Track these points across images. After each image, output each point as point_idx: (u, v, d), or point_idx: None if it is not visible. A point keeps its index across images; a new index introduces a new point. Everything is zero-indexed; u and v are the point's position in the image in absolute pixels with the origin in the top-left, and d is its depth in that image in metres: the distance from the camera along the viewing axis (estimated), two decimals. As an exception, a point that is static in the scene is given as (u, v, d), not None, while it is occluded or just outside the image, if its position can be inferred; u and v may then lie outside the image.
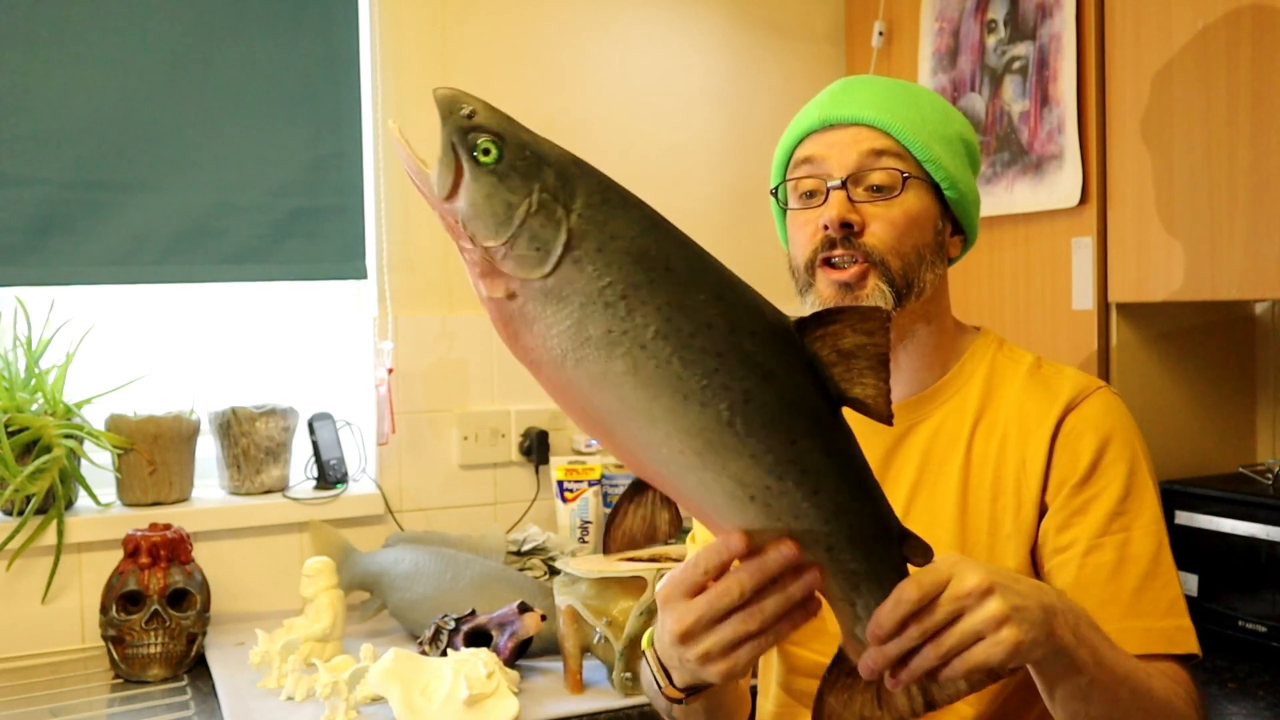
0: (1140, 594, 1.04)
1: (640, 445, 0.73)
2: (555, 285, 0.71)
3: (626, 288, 0.71)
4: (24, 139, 1.83)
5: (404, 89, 2.10)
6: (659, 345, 0.71)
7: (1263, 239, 1.60)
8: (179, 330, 2.06)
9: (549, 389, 0.75)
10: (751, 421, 0.73)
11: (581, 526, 2.05)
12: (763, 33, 2.41)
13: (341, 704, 1.46)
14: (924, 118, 1.13)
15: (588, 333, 0.70)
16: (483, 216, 0.70)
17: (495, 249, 0.70)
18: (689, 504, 0.77)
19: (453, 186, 0.70)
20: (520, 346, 0.73)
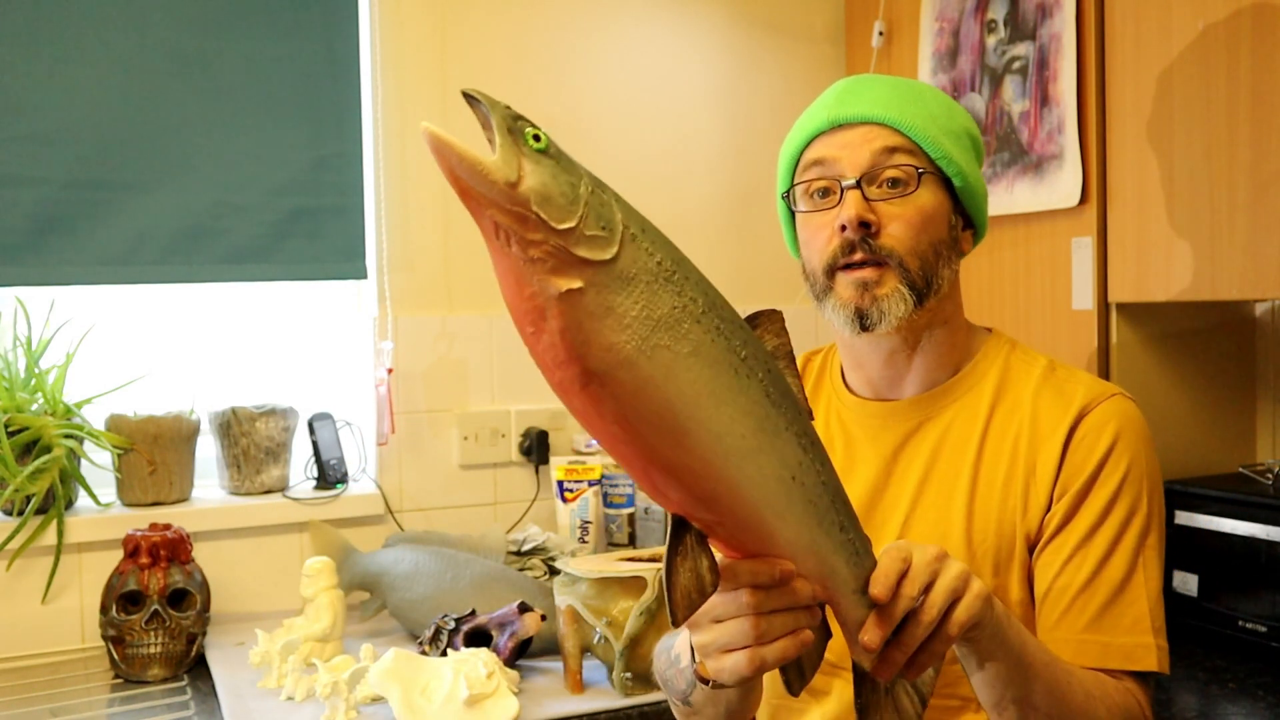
0: (1106, 609, 1.04)
1: (711, 436, 0.73)
2: (623, 267, 0.71)
3: (673, 262, 0.74)
4: (24, 139, 1.83)
5: (404, 89, 2.10)
6: (709, 319, 0.73)
7: (1263, 239, 1.60)
8: (179, 330, 2.06)
9: (620, 414, 0.71)
10: (775, 390, 0.76)
11: (581, 526, 2.05)
12: (763, 33, 2.41)
13: (341, 704, 1.46)
14: (931, 113, 1.12)
15: (657, 314, 0.71)
16: (554, 198, 0.69)
17: (570, 231, 0.69)
18: (741, 507, 0.76)
19: (516, 179, 0.69)
20: (595, 350, 0.69)
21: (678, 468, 0.73)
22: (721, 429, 0.73)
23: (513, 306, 0.71)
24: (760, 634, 0.79)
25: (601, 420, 0.72)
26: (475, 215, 0.70)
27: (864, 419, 1.19)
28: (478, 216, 0.70)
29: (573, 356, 0.69)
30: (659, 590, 1.50)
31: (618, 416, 0.71)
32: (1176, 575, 1.79)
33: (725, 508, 0.75)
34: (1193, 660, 1.67)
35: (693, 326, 0.72)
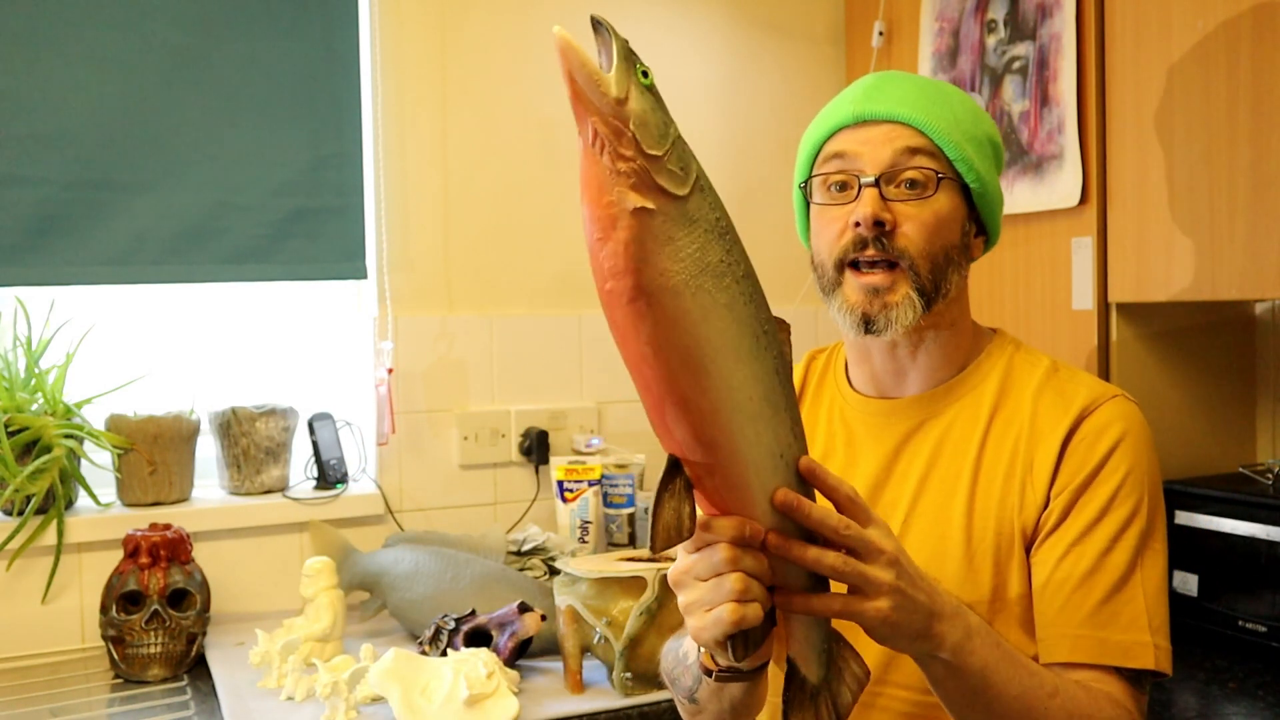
0: (1104, 605, 1.04)
1: (725, 387, 0.78)
2: (691, 208, 0.77)
3: (728, 224, 0.80)
4: (24, 139, 1.83)
5: (404, 89, 2.10)
6: (746, 284, 0.80)
7: (1263, 239, 1.60)
8: (179, 330, 2.06)
9: (654, 335, 0.76)
10: (783, 372, 0.83)
11: (581, 526, 2.05)
12: (763, 33, 2.41)
13: (341, 704, 1.46)
14: (956, 117, 1.11)
15: (708, 259, 0.77)
16: (650, 125, 0.76)
17: (656, 158, 0.76)
18: (734, 462, 0.81)
19: (626, 95, 0.76)
20: (650, 270, 0.75)
21: (689, 405, 0.78)
22: (735, 384, 0.79)
23: (589, 212, 0.78)
24: (738, 591, 0.82)
25: (636, 339, 0.77)
26: (579, 120, 0.77)
27: (866, 416, 1.19)
28: (580, 122, 0.77)
29: (629, 269, 0.75)
30: (658, 590, 1.51)
31: (651, 339, 0.77)
32: (1176, 575, 1.78)
33: (719, 459, 0.80)
34: (1193, 660, 1.67)
35: (733, 283, 0.78)
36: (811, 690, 0.91)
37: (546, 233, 2.22)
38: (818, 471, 0.85)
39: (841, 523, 0.84)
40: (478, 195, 2.17)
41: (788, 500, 0.82)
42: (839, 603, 0.85)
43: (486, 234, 2.18)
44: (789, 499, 0.82)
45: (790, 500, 0.82)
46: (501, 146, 2.19)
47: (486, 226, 2.18)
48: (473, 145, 2.17)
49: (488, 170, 2.17)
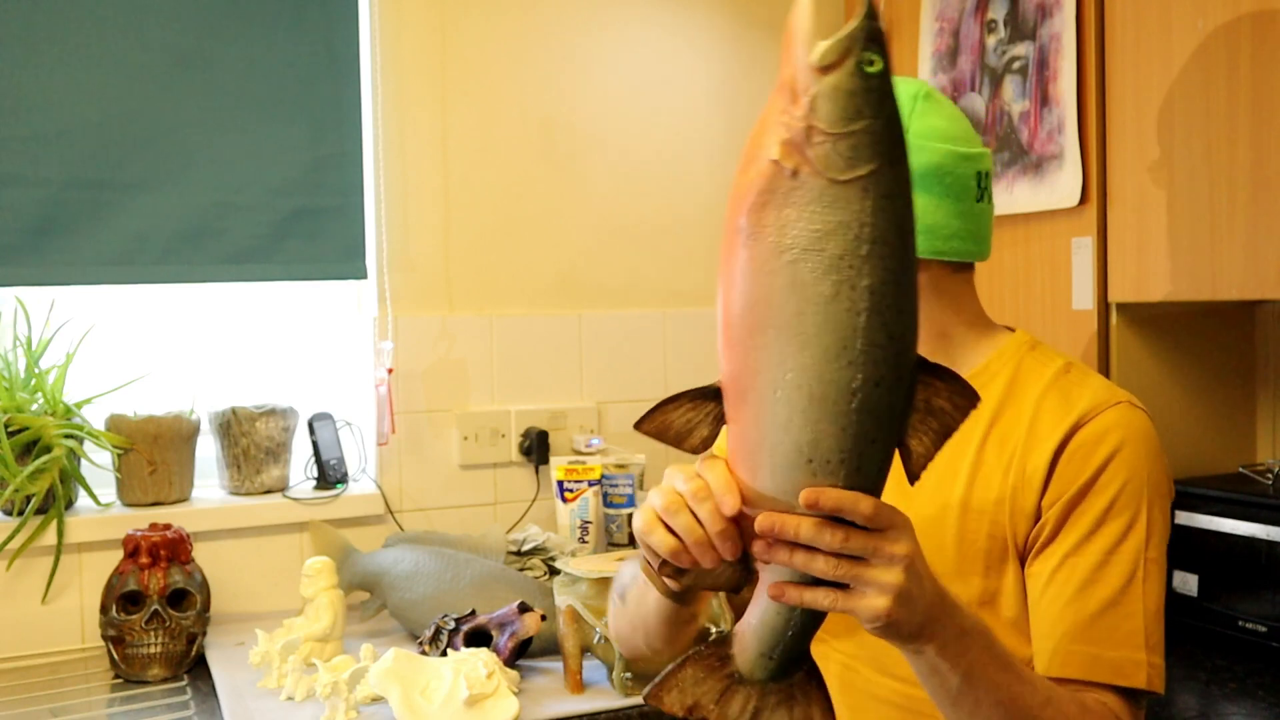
0: (1098, 620, 1.03)
1: (774, 360, 0.78)
2: (835, 194, 0.76)
3: (879, 239, 0.77)
4: (24, 139, 1.83)
5: (404, 89, 2.10)
6: (860, 297, 0.77)
7: (1263, 239, 1.60)
8: (179, 330, 2.06)
9: (738, 267, 0.78)
10: (863, 407, 0.79)
11: (581, 526, 2.05)
12: (763, 33, 2.41)
13: (341, 704, 1.46)
14: None
15: (826, 246, 0.76)
16: (835, 102, 0.76)
17: (819, 132, 0.76)
18: (755, 436, 0.81)
19: (829, 67, 0.76)
20: (757, 216, 0.77)
21: (741, 349, 0.79)
22: (788, 364, 0.78)
23: (750, 138, 0.79)
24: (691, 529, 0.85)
25: (726, 264, 0.80)
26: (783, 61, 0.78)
27: None
28: (782, 61, 0.78)
29: (743, 204, 0.78)
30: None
31: (736, 272, 0.79)
32: (1176, 575, 1.79)
33: (744, 417, 0.81)
34: (1193, 660, 1.67)
35: (843, 284, 0.77)
36: (735, 676, 0.88)
37: (546, 233, 2.22)
38: (823, 501, 0.80)
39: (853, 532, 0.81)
40: (478, 195, 2.17)
41: (809, 500, 0.80)
42: (829, 599, 0.83)
43: (486, 234, 2.18)
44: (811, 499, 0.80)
45: (810, 500, 0.80)
46: (501, 146, 2.19)
47: (486, 226, 2.18)
48: (473, 145, 2.17)
49: (488, 170, 2.17)
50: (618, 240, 2.29)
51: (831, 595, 0.83)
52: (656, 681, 0.89)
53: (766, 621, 0.86)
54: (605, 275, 2.28)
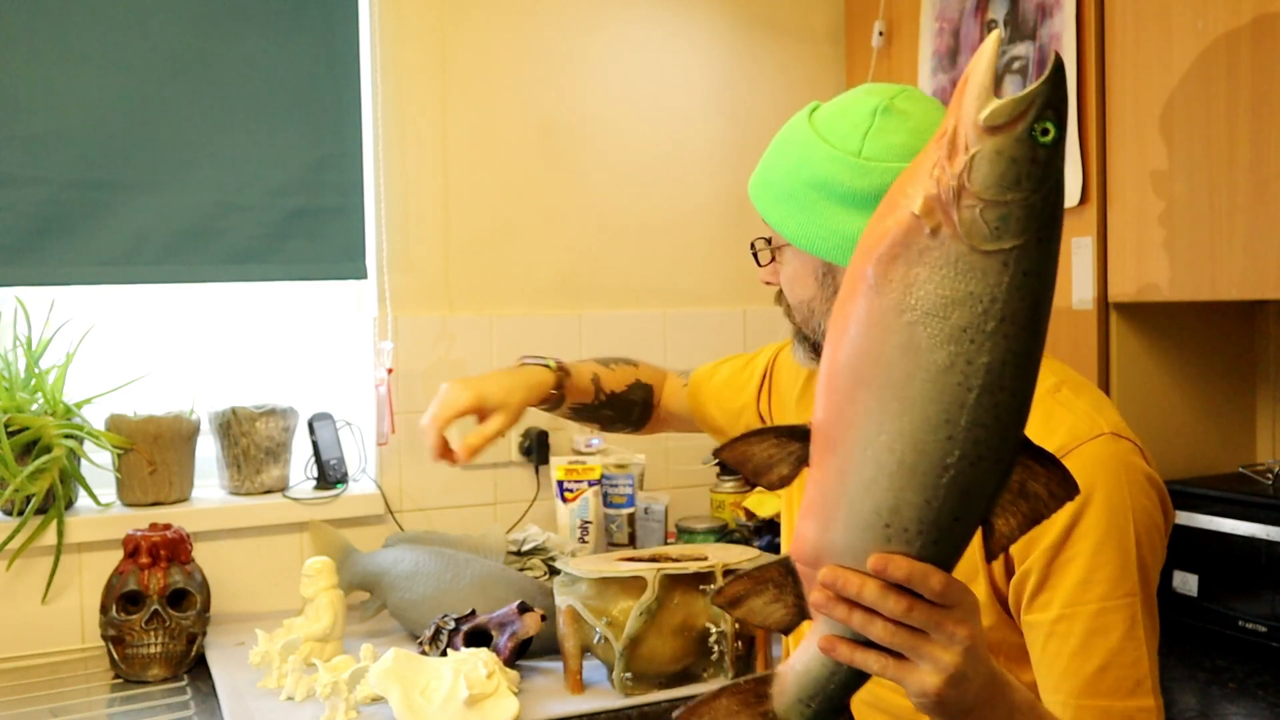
0: (1104, 672, 1.00)
1: (871, 418, 0.75)
2: (972, 262, 0.72)
3: (1009, 317, 0.73)
4: (24, 139, 1.83)
5: (404, 89, 2.10)
6: (975, 374, 0.73)
7: (1263, 239, 1.60)
8: (179, 330, 2.06)
9: (854, 316, 0.76)
10: (954, 483, 0.75)
11: (581, 526, 2.05)
12: (763, 33, 2.41)
13: (341, 704, 1.46)
14: (771, 181, 1.18)
15: (950, 314, 0.72)
16: (994, 167, 0.71)
17: (970, 195, 0.71)
18: (835, 489, 0.78)
19: (997, 128, 0.71)
20: (884, 268, 0.74)
21: (839, 399, 0.77)
22: (888, 427, 0.75)
23: (896, 182, 0.76)
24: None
25: (842, 310, 0.77)
26: (950, 108, 0.74)
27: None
28: (950, 107, 0.73)
29: (874, 257, 0.74)
30: (658, 590, 1.51)
31: (851, 320, 0.76)
32: (1176, 575, 1.79)
33: (828, 465, 0.78)
34: (1193, 660, 1.67)
35: (959, 357, 0.73)
36: (768, 716, 0.86)
37: (546, 233, 2.22)
38: (892, 570, 0.77)
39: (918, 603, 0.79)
40: (478, 195, 2.17)
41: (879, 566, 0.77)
42: (879, 664, 0.80)
43: (486, 234, 2.18)
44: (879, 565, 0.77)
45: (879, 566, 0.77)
46: (501, 146, 2.19)
47: (486, 226, 2.18)
48: (473, 145, 2.17)
49: (488, 170, 2.17)
50: (618, 240, 2.29)
51: (883, 661, 0.80)
52: (690, 706, 0.88)
53: (811, 670, 0.84)
54: (605, 275, 2.28)
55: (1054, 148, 0.72)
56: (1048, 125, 0.71)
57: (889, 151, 1.10)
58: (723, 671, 1.56)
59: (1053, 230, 0.74)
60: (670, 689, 1.54)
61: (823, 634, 0.82)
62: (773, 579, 0.84)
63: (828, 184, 1.12)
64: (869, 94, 1.16)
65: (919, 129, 1.11)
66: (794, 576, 0.83)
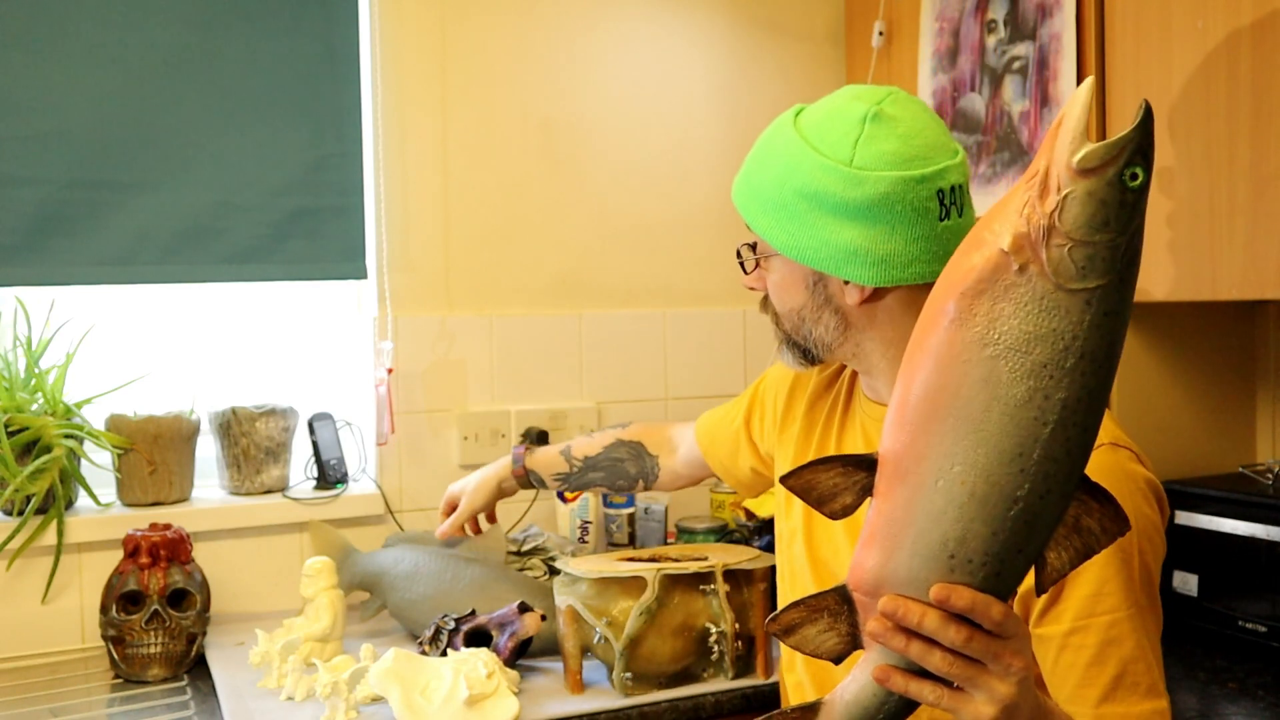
0: (1120, 680, 1.02)
1: (945, 449, 0.77)
2: (1057, 300, 0.74)
3: (1087, 355, 0.75)
4: (24, 139, 1.83)
5: (404, 89, 2.10)
6: (1051, 409, 0.75)
7: (1263, 239, 1.60)
8: (179, 330, 2.06)
9: (934, 348, 0.77)
10: (1021, 515, 0.77)
11: (581, 526, 2.05)
12: (763, 33, 2.41)
13: (341, 704, 1.46)
14: (758, 188, 1.17)
15: (1032, 351, 0.74)
16: (1085, 209, 0.72)
17: (1060, 234, 0.73)
18: (902, 519, 0.79)
19: (1089, 171, 0.72)
20: (969, 302, 0.75)
21: (914, 430, 0.78)
22: (957, 457, 0.76)
23: (982, 219, 0.77)
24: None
25: (921, 341, 0.78)
26: (1041, 150, 0.75)
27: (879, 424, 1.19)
28: (1042, 148, 0.75)
29: (959, 290, 0.76)
30: (658, 590, 1.51)
31: (931, 352, 0.77)
32: (1176, 575, 1.79)
33: (898, 497, 0.79)
34: (1193, 660, 1.67)
35: (1037, 392, 0.75)
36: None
37: (546, 233, 2.22)
38: (954, 600, 0.79)
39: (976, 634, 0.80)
40: (478, 195, 2.17)
41: (942, 595, 0.79)
42: (934, 694, 0.81)
43: (486, 234, 2.18)
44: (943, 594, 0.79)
45: (943, 596, 0.79)
46: (501, 146, 2.19)
47: (486, 226, 2.18)
48: (473, 145, 2.17)
49: (488, 170, 2.17)
50: (618, 240, 2.29)
51: (938, 692, 0.81)
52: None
53: (861, 700, 0.85)
54: (605, 275, 2.28)
55: (1142, 192, 0.73)
56: (1137, 170, 0.72)
57: (880, 160, 1.10)
58: (723, 672, 1.56)
59: (1133, 272, 0.76)
60: (670, 689, 1.54)
61: (877, 664, 0.82)
62: (828, 607, 0.84)
63: (819, 194, 1.11)
64: (856, 99, 1.15)
65: (909, 134, 1.11)
66: (849, 605, 0.84)
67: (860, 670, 0.85)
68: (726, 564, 1.56)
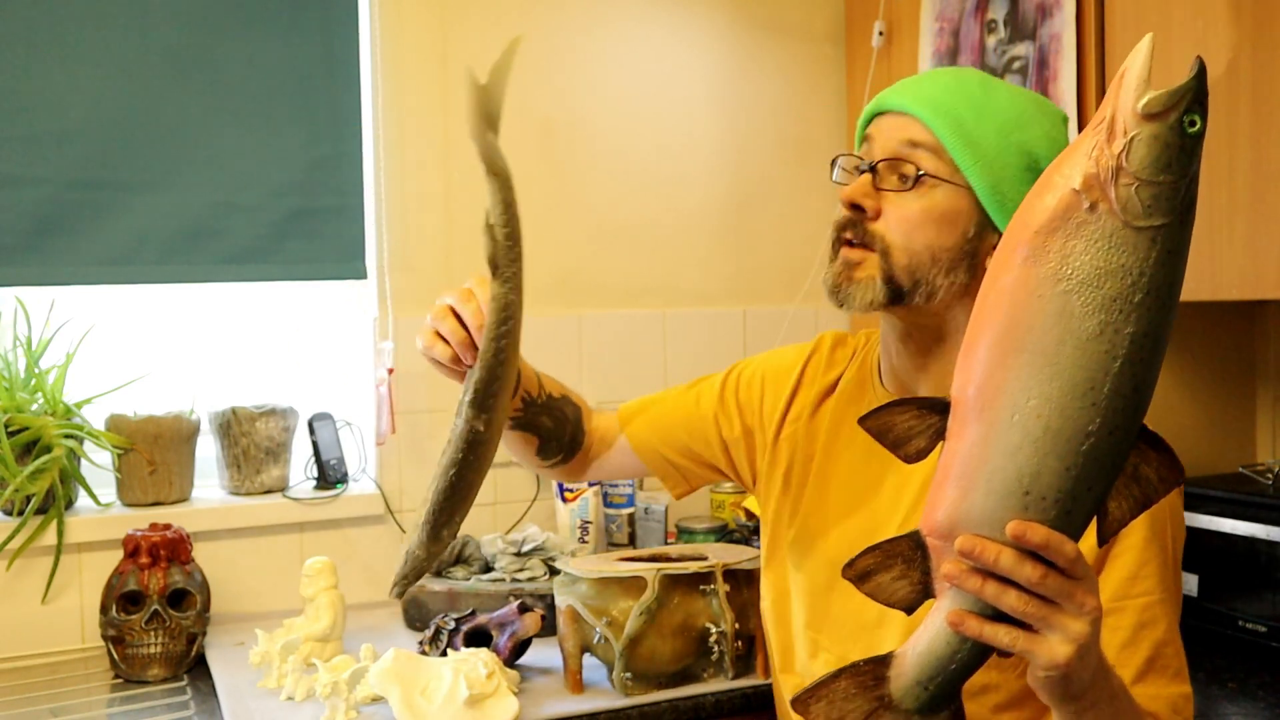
0: (1153, 662, 1.03)
1: (1021, 384, 0.79)
2: (1125, 237, 0.77)
3: (1153, 290, 0.79)
4: (24, 139, 1.83)
5: (404, 89, 2.10)
6: (1121, 343, 0.78)
7: (1263, 239, 1.60)
8: (179, 330, 2.06)
9: (1009, 285, 0.79)
10: (1092, 451, 0.79)
11: (581, 526, 2.05)
12: (763, 33, 2.41)
13: (341, 704, 1.46)
14: (979, 120, 1.09)
15: (1103, 285, 0.78)
16: (1150, 151, 0.76)
17: (1127, 174, 0.76)
18: (978, 456, 0.80)
19: (1153, 115, 0.76)
20: (1044, 240, 0.78)
21: (990, 366, 0.80)
22: (1032, 390, 0.79)
23: (1052, 164, 0.80)
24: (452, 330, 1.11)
25: (995, 280, 0.80)
26: (1107, 98, 0.78)
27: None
28: (1107, 100, 0.78)
29: (1033, 229, 0.78)
30: (658, 590, 1.51)
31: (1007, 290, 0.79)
32: (1176, 575, 1.79)
33: (972, 436, 0.80)
34: (1193, 660, 1.64)
35: (1107, 326, 0.78)
36: (884, 700, 0.86)
37: (546, 233, 2.22)
38: (1030, 536, 0.79)
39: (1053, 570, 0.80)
40: (477, 195, 2.15)
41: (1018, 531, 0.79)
42: (1010, 636, 0.81)
43: (486, 234, 2.17)
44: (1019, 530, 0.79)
45: (1019, 532, 0.79)
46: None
47: (486, 226, 2.17)
48: (472, 145, 2.16)
49: (488, 170, 2.17)
50: (618, 240, 2.29)
51: (1013, 634, 0.81)
52: (808, 688, 0.88)
53: (934, 650, 0.84)
54: (605, 275, 2.28)
55: (1199, 139, 0.77)
56: (1195, 118, 0.77)
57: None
58: (723, 672, 1.56)
59: (1191, 216, 0.79)
60: (670, 689, 1.54)
61: (949, 610, 0.83)
62: (902, 553, 0.85)
63: (1039, 158, 1.10)
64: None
65: None
66: (922, 551, 0.84)
67: (932, 619, 0.85)
68: (726, 564, 1.56)
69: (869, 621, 1.14)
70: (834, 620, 1.20)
